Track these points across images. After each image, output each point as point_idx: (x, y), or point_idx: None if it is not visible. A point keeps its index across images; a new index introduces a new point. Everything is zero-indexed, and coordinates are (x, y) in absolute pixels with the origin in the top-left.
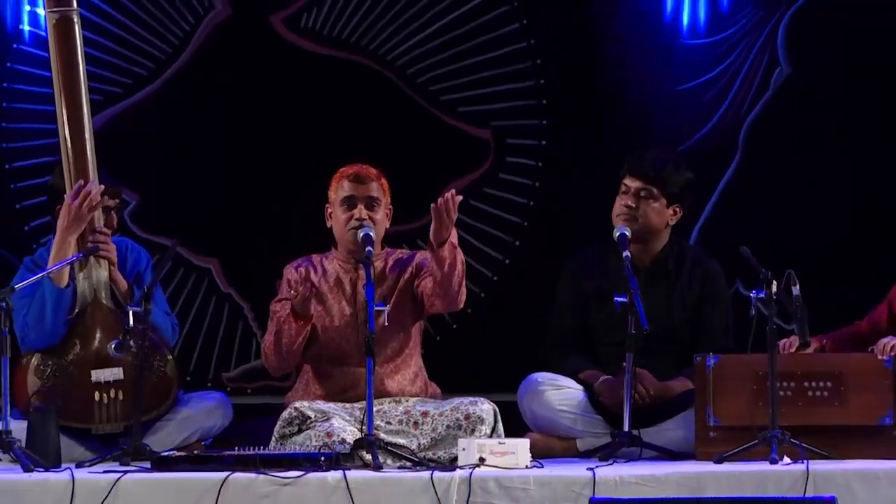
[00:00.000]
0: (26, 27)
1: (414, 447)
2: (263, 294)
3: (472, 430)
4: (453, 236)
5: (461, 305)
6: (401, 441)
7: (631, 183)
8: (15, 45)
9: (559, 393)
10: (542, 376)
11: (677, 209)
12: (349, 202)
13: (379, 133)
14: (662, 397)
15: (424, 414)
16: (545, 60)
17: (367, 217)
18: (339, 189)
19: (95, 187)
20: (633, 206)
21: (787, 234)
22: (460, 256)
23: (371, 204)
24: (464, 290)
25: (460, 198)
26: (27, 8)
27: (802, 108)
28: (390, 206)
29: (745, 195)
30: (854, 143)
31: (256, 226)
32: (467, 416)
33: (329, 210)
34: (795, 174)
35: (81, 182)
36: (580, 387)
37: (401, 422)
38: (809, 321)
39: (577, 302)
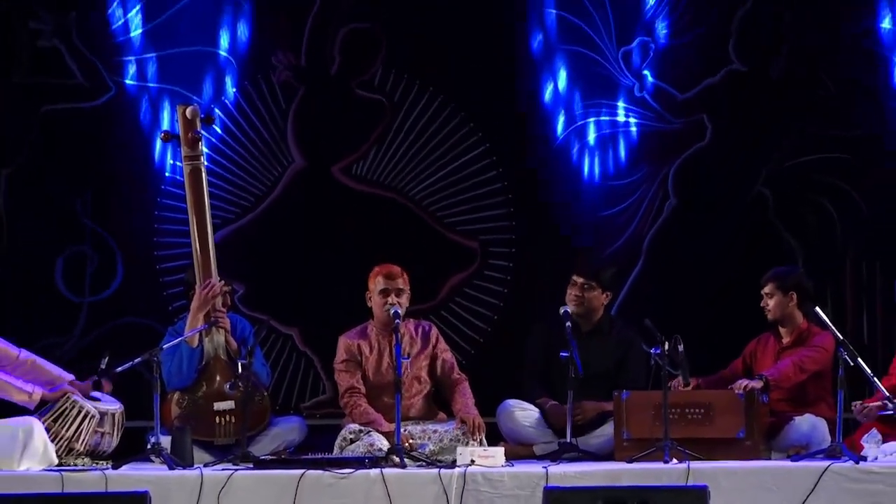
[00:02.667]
0: (176, 176)
1: (425, 451)
2: (327, 351)
3: (467, 443)
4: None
5: None
6: (418, 443)
7: (577, 279)
8: (163, 187)
9: (523, 413)
10: (512, 401)
11: (609, 294)
12: (384, 293)
13: (403, 243)
14: (597, 412)
15: (435, 431)
16: (515, 195)
17: (395, 302)
18: (377, 283)
19: (215, 282)
20: (580, 295)
21: (675, 310)
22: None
23: (398, 293)
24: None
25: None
26: (173, 162)
27: (685, 227)
28: (409, 292)
29: (647, 285)
30: (723, 248)
31: (322, 306)
32: (464, 433)
33: (369, 295)
34: (680, 271)
35: (209, 280)
36: (537, 409)
37: (420, 438)
38: (690, 368)
39: (541, 351)
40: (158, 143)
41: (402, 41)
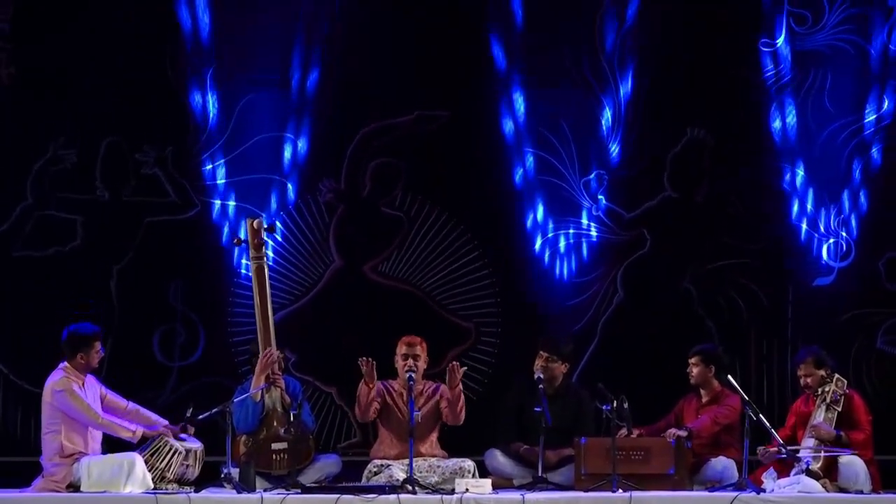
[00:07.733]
0: (245, 272)
1: (431, 482)
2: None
3: (463, 475)
4: (459, 386)
5: (461, 422)
6: (426, 475)
7: (542, 353)
8: (235, 279)
9: (503, 457)
10: (496, 449)
11: (567, 364)
12: (404, 357)
13: (416, 324)
14: (558, 458)
15: (439, 467)
16: (501, 289)
17: (412, 365)
18: (400, 349)
19: (272, 351)
20: (545, 365)
21: (622, 376)
22: (462, 397)
23: (415, 358)
24: (463, 413)
25: (463, 369)
26: (244, 261)
27: (630, 314)
28: (427, 358)
29: (601, 357)
30: (658, 329)
31: (354, 371)
32: (461, 468)
33: (396, 358)
34: (626, 346)
35: (268, 349)
36: (513, 454)
37: (426, 470)
38: (633, 420)
39: (515, 408)
40: (235, 250)
41: (417, 172)
